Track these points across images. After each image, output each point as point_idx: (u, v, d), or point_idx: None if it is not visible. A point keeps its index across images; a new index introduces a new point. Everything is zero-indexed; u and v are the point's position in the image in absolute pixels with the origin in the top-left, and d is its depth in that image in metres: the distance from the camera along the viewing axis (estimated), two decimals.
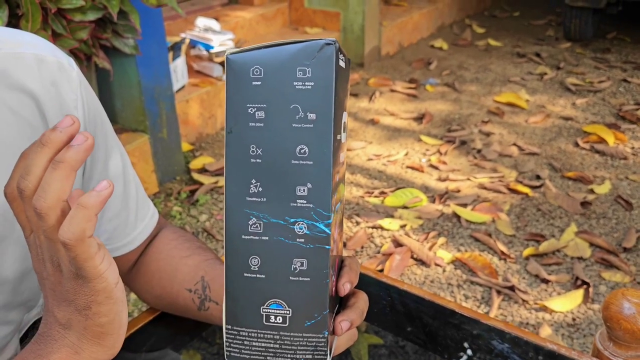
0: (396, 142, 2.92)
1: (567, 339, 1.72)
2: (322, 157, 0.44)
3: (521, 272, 1.99)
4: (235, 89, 0.45)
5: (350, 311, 0.51)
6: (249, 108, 0.44)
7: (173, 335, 0.81)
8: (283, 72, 0.44)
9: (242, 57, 0.44)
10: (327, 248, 0.46)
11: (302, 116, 0.44)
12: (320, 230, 0.45)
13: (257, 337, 0.48)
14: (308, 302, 0.46)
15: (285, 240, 0.46)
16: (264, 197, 0.45)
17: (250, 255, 0.46)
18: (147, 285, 0.75)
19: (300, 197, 0.45)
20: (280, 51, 0.44)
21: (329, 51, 0.44)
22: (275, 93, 0.44)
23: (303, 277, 0.46)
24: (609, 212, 2.30)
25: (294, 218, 0.45)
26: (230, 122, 0.45)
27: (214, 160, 2.72)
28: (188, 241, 0.76)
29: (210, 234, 2.22)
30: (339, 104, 0.45)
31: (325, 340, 0.47)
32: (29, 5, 1.63)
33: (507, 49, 4.27)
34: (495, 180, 2.53)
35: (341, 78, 0.46)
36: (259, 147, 0.45)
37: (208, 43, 3.02)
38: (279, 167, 0.45)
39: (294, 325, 0.47)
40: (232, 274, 0.47)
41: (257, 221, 0.46)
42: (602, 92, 3.44)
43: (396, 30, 4.24)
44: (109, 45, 2.00)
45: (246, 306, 0.47)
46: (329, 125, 0.44)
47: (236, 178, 0.45)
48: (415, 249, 2.08)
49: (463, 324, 0.75)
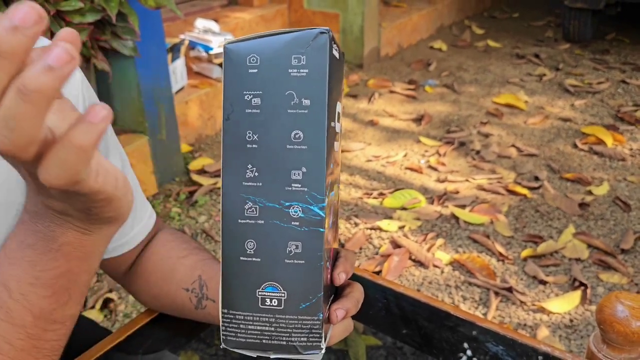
0: (395, 143, 2.93)
1: (565, 340, 1.73)
2: (317, 141, 0.45)
3: (519, 274, 1.99)
4: (232, 77, 0.46)
5: (345, 300, 0.52)
6: (246, 95, 0.46)
7: (171, 336, 0.81)
8: (278, 59, 0.45)
9: (238, 46, 0.46)
10: (321, 231, 0.46)
11: (297, 102, 0.45)
12: (314, 213, 0.46)
13: (253, 321, 0.48)
14: (303, 284, 0.47)
15: (281, 223, 0.46)
16: (259, 181, 0.46)
17: (246, 239, 0.47)
18: (144, 286, 0.76)
19: (295, 181, 0.46)
20: (276, 40, 0.45)
21: (323, 39, 0.45)
22: (271, 80, 0.45)
23: (298, 260, 0.47)
24: (607, 214, 2.31)
25: (289, 202, 0.46)
26: (228, 109, 0.46)
27: (213, 162, 2.72)
28: (185, 242, 0.77)
29: (209, 235, 2.23)
30: (332, 91, 0.46)
31: (320, 323, 0.48)
32: None
33: (507, 50, 4.27)
34: (494, 182, 2.54)
35: (335, 67, 0.47)
36: (255, 132, 0.46)
37: (207, 44, 3.02)
38: (274, 152, 0.46)
39: (289, 307, 0.47)
40: (228, 258, 0.48)
41: (253, 205, 0.47)
42: (600, 94, 3.45)
43: (395, 32, 4.24)
44: (107, 47, 2.00)
45: (242, 290, 0.48)
46: (323, 111, 0.45)
47: (233, 163, 0.46)
48: (413, 250, 2.09)
49: (458, 326, 0.75)
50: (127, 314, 1.84)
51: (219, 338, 0.84)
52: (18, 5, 0.29)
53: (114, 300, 1.87)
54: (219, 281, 0.69)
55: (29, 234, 0.44)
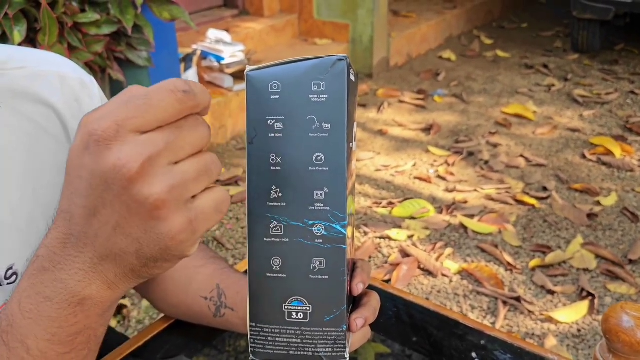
0: (404, 153, 2.95)
1: (573, 349, 1.74)
2: (337, 163, 0.48)
3: (527, 283, 2.00)
4: (255, 103, 0.48)
5: (363, 309, 0.54)
6: (269, 120, 0.48)
7: (187, 342, 0.83)
8: (299, 86, 0.47)
9: (261, 73, 0.48)
10: (343, 247, 0.49)
11: (317, 126, 0.48)
12: (337, 231, 0.49)
13: (280, 333, 0.51)
14: (327, 298, 0.50)
15: (305, 241, 0.49)
16: (283, 201, 0.49)
17: (272, 256, 0.49)
18: (162, 295, 0.78)
19: (318, 200, 0.48)
20: (296, 67, 0.47)
21: (341, 66, 0.47)
22: (293, 105, 0.48)
23: (322, 275, 0.49)
24: (615, 224, 2.31)
25: (312, 220, 0.49)
26: (251, 133, 0.48)
27: (224, 170, 2.75)
28: (202, 251, 0.79)
29: (221, 243, 2.25)
30: (350, 114, 0.49)
31: (344, 334, 0.50)
32: (46, 19, 1.68)
33: (515, 60, 4.29)
34: (502, 192, 2.55)
35: (351, 91, 0.50)
36: (278, 155, 0.48)
37: (219, 54, 3.06)
38: (297, 173, 0.48)
39: (315, 320, 0.50)
40: (255, 274, 0.50)
41: (278, 224, 0.49)
42: (609, 104, 3.46)
43: (405, 42, 4.27)
44: (122, 57, 2.04)
45: (269, 304, 0.50)
46: (343, 134, 0.48)
47: (257, 185, 0.49)
48: (422, 259, 2.10)
49: (467, 335, 0.77)
50: (140, 320, 1.86)
51: (230, 345, 0.86)
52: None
53: (127, 307, 1.90)
54: (238, 291, 0.71)
55: (48, 284, 0.41)
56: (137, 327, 1.83)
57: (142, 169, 0.36)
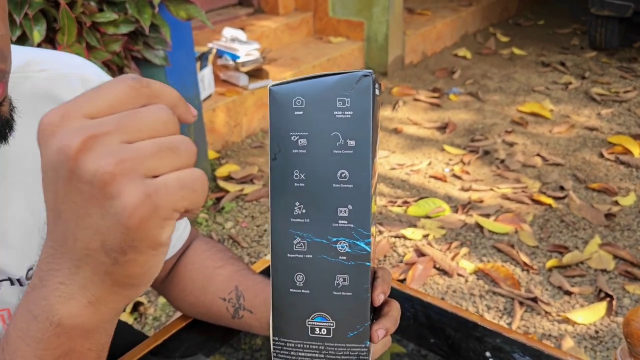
0: (419, 152, 2.94)
1: (590, 351, 1.72)
2: (362, 180, 0.47)
3: (544, 284, 1.99)
4: (278, 119, 0.47)
5: (385, 320, 0.54)
6: (292, 136, 0.47)
7: (205, 341, 0.84)
8: (323, 102, 0.47)
9: (284, 88, 0.47)
10: (367, 265, 0.49)
11: (342, 143, 0.47)
12: (360, 248, 0.48)
13: (303, 348, 0.51)
14: (350, 314, 0.50)
15: (328, 257, 0.49)
16: (307, 218, 0.48)
17: (295, 272, 0.49)
18: (181, 294, 0.79)
19: (342, 217, 0.48)
20: (321, 82, 0.47)
21: (367, 82, 0.46)
22: (317, 122, 0.47)
23: (345, 292, 0.49)
24: (633, 224, 2.29)
25: (336, 237, 0.48)
26: (274, 149, 0.48)
27: (239, 168, 2.76)
28: (220, 252, 0.80)
29: (236, 241, 2.26)
30: (374, 131, 0.48)
31: (367, 350, 0.50)
32: (65, 19, 1.70)
33: (532, 58, 4.25)
34: (519, 191, 2.53)
35: (376, 106, 0.49)
36: (302, 172, 0.48)
37: (234, 53, 3.07)
38: (321, 190, 0.48)
39: (338, 336, 0.50)
40: (278, 289, 0.50)
41: (302, 240, 0.49)
42: (627, 102, 3.42)
43: (420, 40, 4.25)
44: (140, 56, 2.06)
45: (292, 319, 0.50)
46: (368, 151, 0.47)
47: (281, 201, 0.48)
48: (437, 258, 2.10)
49: (485, 337, 0.77)
50: (157, 317, 1.88)
51: (246, 343, 0.87)
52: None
53: (143, 304, 1.91)
54: (256, 293, 0.72)
55: (36, 302, 0.40)
56: (154, 324, 1.85)
57: (83, 145, 0.34)
